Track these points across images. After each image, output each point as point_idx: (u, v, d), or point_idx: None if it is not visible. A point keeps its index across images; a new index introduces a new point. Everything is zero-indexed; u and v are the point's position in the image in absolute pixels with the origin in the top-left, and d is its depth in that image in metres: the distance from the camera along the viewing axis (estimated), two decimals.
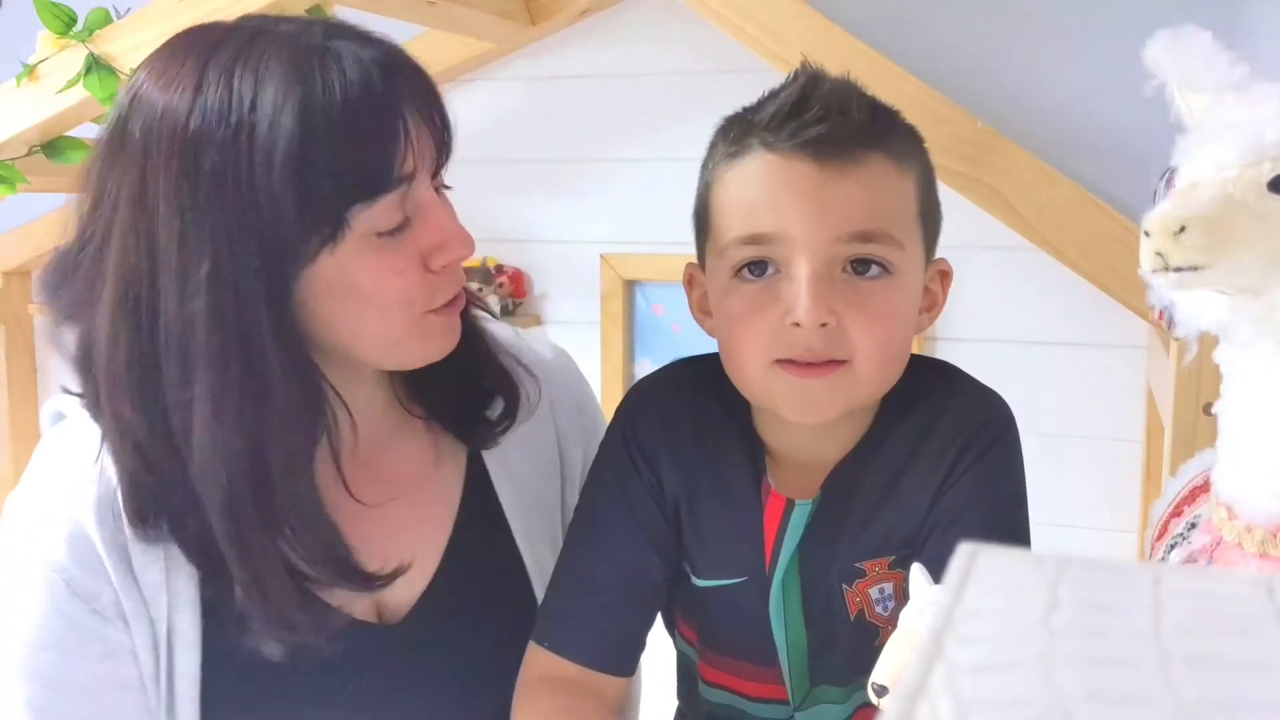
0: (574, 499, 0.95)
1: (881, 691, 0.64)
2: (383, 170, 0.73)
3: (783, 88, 0.80)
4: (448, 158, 0.80)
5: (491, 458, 0.93)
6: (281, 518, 0.75)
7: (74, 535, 0.77)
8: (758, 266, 0.78)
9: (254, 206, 0.70)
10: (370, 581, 0.80)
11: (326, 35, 0.74)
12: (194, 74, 0.72)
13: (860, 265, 0.77)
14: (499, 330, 0.96)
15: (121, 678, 0.78)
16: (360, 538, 0.81)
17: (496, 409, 0.92)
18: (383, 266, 0.75)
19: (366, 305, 0.76)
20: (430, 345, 0.81)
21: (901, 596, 0.82)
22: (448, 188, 0.82)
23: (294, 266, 0.73)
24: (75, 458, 0.80)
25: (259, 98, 0.70)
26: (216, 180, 0.70)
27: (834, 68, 0.81)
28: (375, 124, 0.73)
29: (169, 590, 0.78)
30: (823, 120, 0.76)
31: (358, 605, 0.84)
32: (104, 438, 0.78)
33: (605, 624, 0.86)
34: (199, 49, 0.74)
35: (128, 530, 0.77)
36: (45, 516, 0.78)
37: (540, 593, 0.90)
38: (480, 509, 0.91)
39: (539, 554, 0.92)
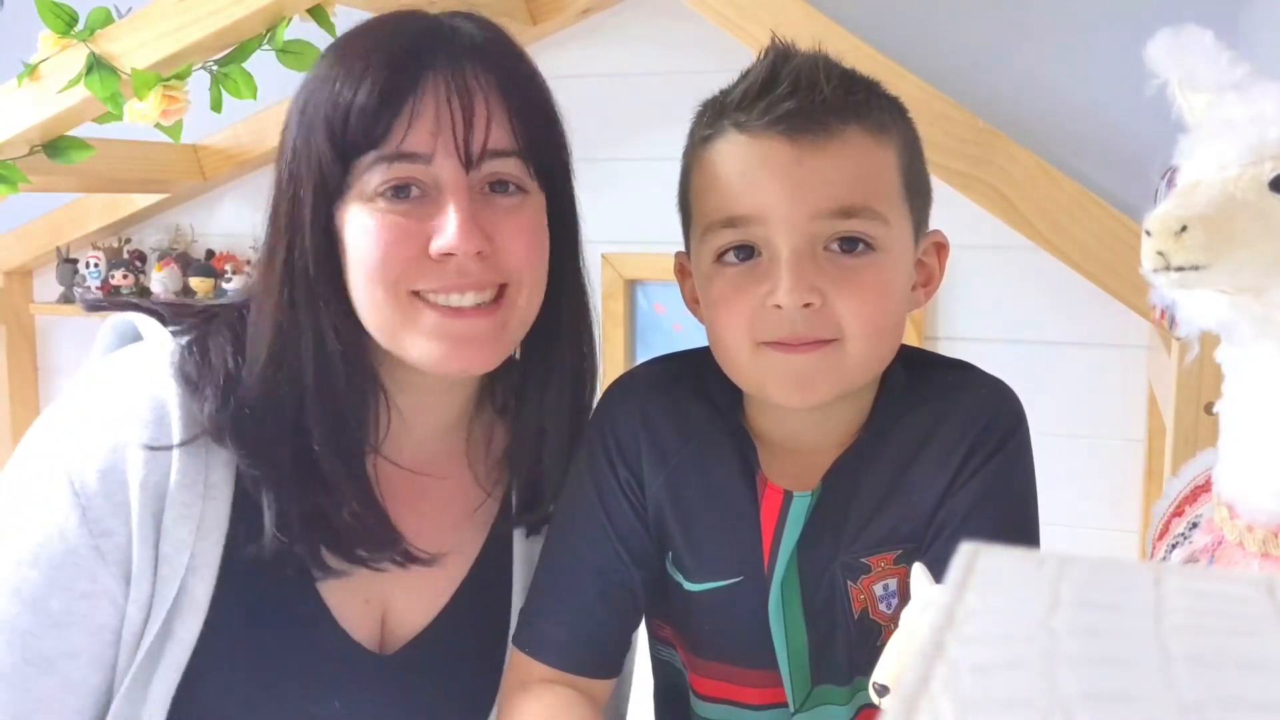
0: None
1: (883, 691, 0.64)
2: (374, 134, 0.75)
3: (753, 66, 0.78)
4: (526, 155, 0.79)
5: (518, 533, 0.91)
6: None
7: (110, 468, 0.75)
8: (741, 250, 0.76)
9: (294, 149, 0.78)
10: (407, 553, 0.83)
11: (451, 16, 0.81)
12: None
13: (845, 244, 0.75)
14: None
15: (94, 624, 0.75)
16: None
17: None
18: (374, 227, 0.76)
19: (359, 268, 0.77)
20: (422, 340, 0.78)
21: (904, 593, 0.81)
22: (515, 187, 0.80)
23: (325, 208, 0.77)
24: (140, 387, 0.78)
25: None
26: (286, 132, 0.79)
27: None
28: (379, 94, 0.75)
29: (193, 551, 0.76)
30: (792, 96, 0.74)
31: (361, 629, 0.84)
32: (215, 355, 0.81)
33: (581, 628, 0.84)
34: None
35: (173, 478, 0.76)
36: (89, 440, 0.76)
37: None
38: (493, 574, 0.90)
39: None
